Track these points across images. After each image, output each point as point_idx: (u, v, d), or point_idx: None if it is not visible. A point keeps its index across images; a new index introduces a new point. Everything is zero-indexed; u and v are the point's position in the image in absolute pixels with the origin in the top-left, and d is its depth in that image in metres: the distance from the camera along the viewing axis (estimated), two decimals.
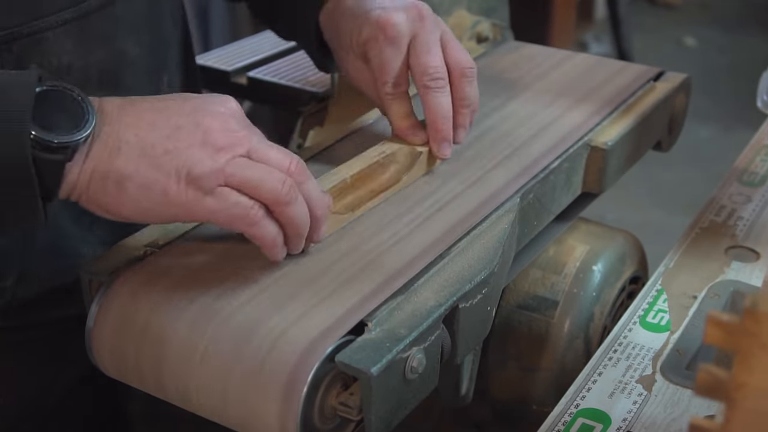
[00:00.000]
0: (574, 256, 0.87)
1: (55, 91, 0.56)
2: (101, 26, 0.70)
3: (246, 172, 0.58)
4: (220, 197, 0.58)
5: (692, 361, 0.72)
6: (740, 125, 2.76)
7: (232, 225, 0.59)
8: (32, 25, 0.66)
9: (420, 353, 0.58)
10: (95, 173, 0.57)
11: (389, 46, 0.73)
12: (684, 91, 0.95)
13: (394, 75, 0.74)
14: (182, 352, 0.59)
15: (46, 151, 0.54)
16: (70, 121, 0.56)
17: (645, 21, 3.91)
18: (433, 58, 0.73)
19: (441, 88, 0.74)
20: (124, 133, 0.58)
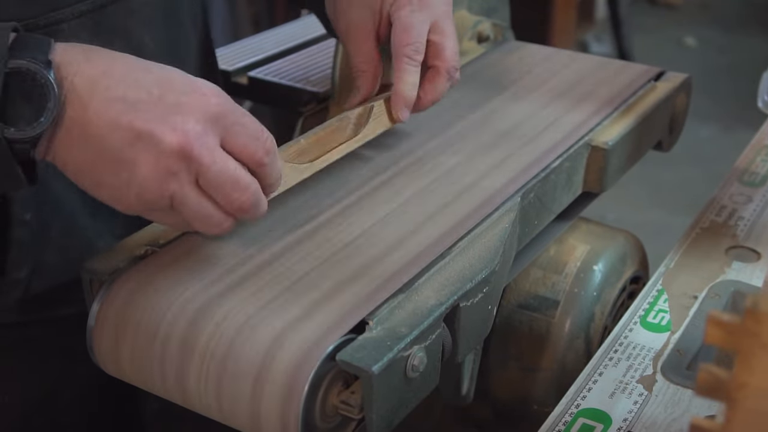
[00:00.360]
0: (574, 255, 0.87)
1: (16, 74, 0.55)
2: (117, 19, 0.70)
3: (189, 211, 0.59)
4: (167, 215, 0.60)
5: (693, 361, 0.72)
6: (741, 125, 2.76)
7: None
8: (48, 17, 0.66)
9: (421, 352, 0.58)
10: (57, 158, 0.58)
11: (420, 13, 0.74)
12: (684, 91, 0.95)
13: (419, 41, 0.74)
14: (183, 351, 0.59)
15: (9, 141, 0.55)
16: (31, 111, 0.55)
17: (645, 21, 3.91)
18: (455, 46, 0.75)
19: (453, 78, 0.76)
20: (87, 125, 0.56)
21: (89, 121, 0.56)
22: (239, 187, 0.60)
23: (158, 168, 0.57)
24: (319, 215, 0.71)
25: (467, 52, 0.99)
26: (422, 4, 0.75)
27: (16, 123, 0.55)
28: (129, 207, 0.59)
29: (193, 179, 0.58)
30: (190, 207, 0.59)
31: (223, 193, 0.59)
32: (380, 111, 0.77)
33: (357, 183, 0.75)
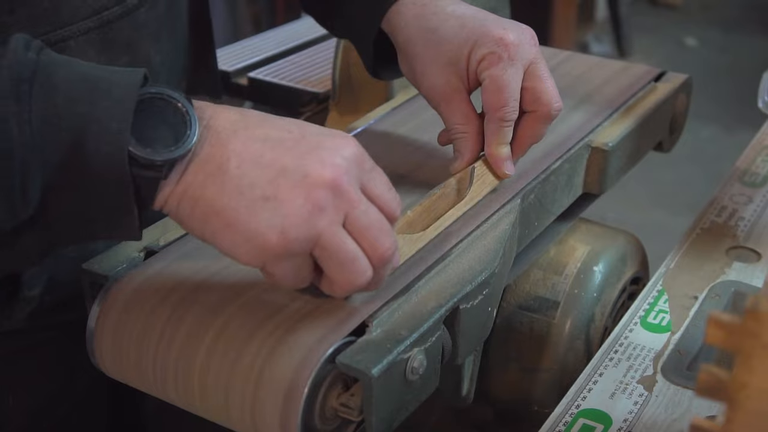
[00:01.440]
0: (575, 256, 0.87)
1: (158, 99, 0.53)
2: (124, 34, 0.69)
3: (336, 250, 0.55)
4: (297, 262, 0.55)
5: (693, 361, 0.72)
6: (741, 126, 2.76)
7: (282, 285, 0.57)
8: (56, 34, 0.65)
9: (421, 354, 0.58)
10: (186, 196, 0.54)
11: (512, 67, 0.69)
12: (685, 91, 0.95)
13: (515, 99, 0.70)
14: (183, 353, 0.59)
15: (137, 166, 0.52)
16: (169, 135, 0.53)
17: (646, 21, 3.91)
18: (554, 87, 0.71)
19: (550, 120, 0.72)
20: (227, 160, 0.54)
21: (228, 158, 0.54)
22: (385, 230, 0.57)
23: (307, 202, 0.53)
24: None
25: None
26: (512, 56, 0.69)
27: (152, 144, 0.52)
28: (265, 250, 0.54)
29: (341, 218, 0.55)
30: (336, 248, 0.55)
31: (370, 236, 0.56)
32: (482, 171, 0.73)
33: None
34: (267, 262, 0.55)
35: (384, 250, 0.56)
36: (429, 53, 0.72)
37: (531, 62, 0.71)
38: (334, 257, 0.55)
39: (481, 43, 0.70)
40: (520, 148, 0.73)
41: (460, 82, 0.72)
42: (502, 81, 0.69)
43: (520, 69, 0.70)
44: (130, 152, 0.51)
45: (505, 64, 0.69)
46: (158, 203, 0.55)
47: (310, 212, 0.53)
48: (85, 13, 0.66)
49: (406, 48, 0.74)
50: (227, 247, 0.55)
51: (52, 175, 0.52)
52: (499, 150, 0.72)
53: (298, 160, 0.54)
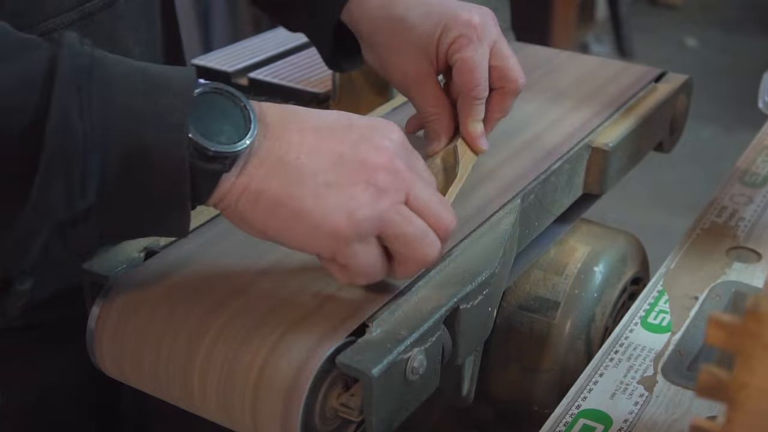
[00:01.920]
0: (575, 256, 0.87)
1: (216, 94, 0.54)
2: (105, 26, 0.70)
3: (404, 227, 0.56)
4: (368, 248, 0.57)
5: (693, 362, 0.72)
6: (741, 126, 2.76)
7: (355, 278, 0.58)
8: (38, 27, 0.66)
9: (421, 354, 0.58)
10: (248, 190, 0.55)
11: (481, 47, 0.72)
12: (685, 91, 0.95)
13: (485, 77, 0.73)
14: (183, 353, 0.59)
15: (202, 159, 0.52)
16: (231, 128, 0.53)
17: (646, 22, 3.92)
18: (517, 63, 0.74)
19: (516, 95, 0.76)
20: (286, 153, 0.55)
21: (287, 150, 0.55)
22: (444, 203, 0.59)
23: (369, 185, 0.55)
24: None
25: None
26: (480, 37, 0.72)
27: (217, 137, 0.53)
28: (335, 235, 0.55)
29: (402, 198, 0.57)
30: (406, 225, 0.56)
31: (432, 210, 0.58)
32: (463, 149, 0.75)
33: None
34: (338, 249, 0.56)
35: (448, 222, 0.59)
36: (397, 41, 0.75)
37: (495, 42, 0.74)
38: (404, 236, 0.57)
39: (450, 27, 0.73)
40: (490, 123, 0.76)
41: (430, 66, 0.74)
42: (473, 62, 0.72)
43: (486, 49, 0.73)
44: (194, 144, 0.52)
45: (475, 46, 0.72)
46: (215, 198, 0.55)
47: (373, 195, 0.55)
48: (68, 4, 0.67)
49: (371, 38, 0.77)
50: (297, 237, 0.56)
51: (111, 168, 0.51)
52: (474, 127, 0.75)
53: (353, 147, 0.56)
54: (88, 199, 0.52)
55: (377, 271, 0.58)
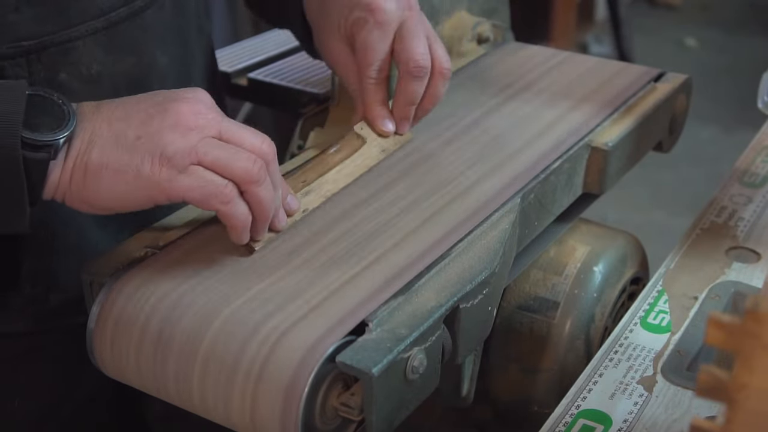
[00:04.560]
0: (575, 256, 0.87)
1: (39, 96, 0.59)
2: (130, 36, 0.71)
3: (217, 151, 0.60)
4: (194, 175, 0.59)
5: (693, 362, 0.72)
6: (741, 126, 2.76)
7: (207, 203, 0.61)
8: (62, 35, 0.67)
9: (421, 353, 0.58)
10: (75, 168, 0.59)
11: (377, 30, 0.74)
12: (685, 91, 0.95)
13: (379, 59, 0.75)
14: (183, 353, 0.59)
15: (31, 149, 0.57)
16: (53, 122, 0.58)
17: (645, 22, 3.91)
18: (420, 45, 0.75)
19: (423, 77, 0.75)
20: (99, 127, 0.60)
21: (100, 125, 0.60)
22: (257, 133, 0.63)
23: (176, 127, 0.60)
24: (318, 221, 0.70)
25: (467, 54, 0.99)
26: (378, 20, 0.74)
27: (39, 129, 0.57)
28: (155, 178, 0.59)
29: (212, 132, 0.61)
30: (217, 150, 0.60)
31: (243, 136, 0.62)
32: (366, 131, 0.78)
33: (356, 187, 0.75)
34: (167, 190, 0.59)
35: (259, 143, 0.62)
36: (322, 24, 0.79)
37: (402, 24, 0.75)
38: (218, 159, 0.60)
39: (353, 10, 0.76)
40: (396, 106, 0.77)
41: (346, 46, 0.78)
42: (367, 42, 0.75)
43: (387, 32, 0.75)
44: (23, 138, 0.56)
45: (371, 27, 0.75)
46: (50, 186, 0.60)
47: (182, 133, 0.60)
48: (93, 13, 0.67)
49: (311, 23, 0.81)
50: (127, 195, 0.60)
51: None
52: (373, 107, 0.77)
53: (158, 104, 0.61)
54: None
55: (227, 191, 0.60)
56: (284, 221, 0.67)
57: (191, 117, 0.60)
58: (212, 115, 0.61)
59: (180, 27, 0.77)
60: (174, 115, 0.60)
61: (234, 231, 0.63)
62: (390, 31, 0.75)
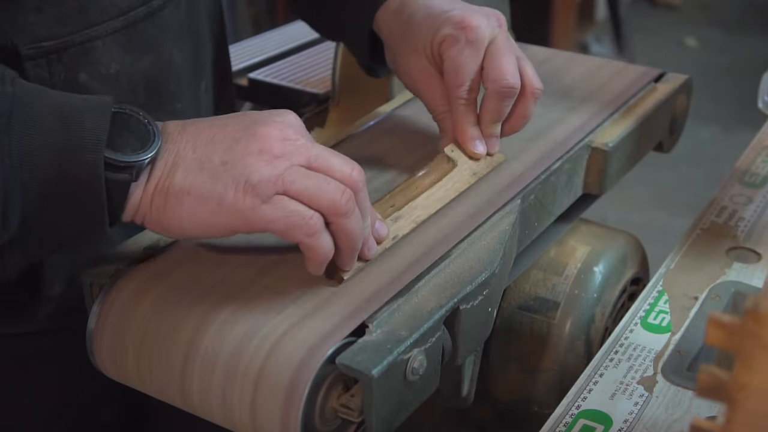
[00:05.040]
0: (575, 257, 0.87)
1: (124, 114, 0.57)
2: (148, 34, 0.71)
3: (304, 180, 0.58)
4: (278, 205, 0.57)
5: (693, 362, 0.72)
6: (741, 126, 2.76)
7: (290, 234, 0.58)
8: (83, 34, 0.66)
9: (421, 354, 0.58)
10: (156, 191, 0.58)
11: (469, 48, 0.72)
12: (685, 92, 0.95)
13: (470, 78, 0.72)
14: (183, 354, 0.59)
15: (112, 170, 0.55)
16: (137, 142, 0.57)
17: (646, 22, 3.91)
18: (510, 64, 0.72)
19: (512, 96, 0.73)
20: (183, 149, 0.58)
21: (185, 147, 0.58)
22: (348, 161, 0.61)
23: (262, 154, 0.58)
24: None
25: None
26: (470, 38, 0.72)
27: (122, 149, 0.56)
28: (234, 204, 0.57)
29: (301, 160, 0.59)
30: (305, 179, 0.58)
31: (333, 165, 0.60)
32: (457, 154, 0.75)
33: None
34: (248, 219, 0.57)
35: (349, 171, 0.60)
36: (404, 43, 0.76)
37: (492, 42, 0.73)
38: (305, 189, 0.58)
39: (442, 27, 0.73)
40: (483, 125, 0.75)
41: (432, 66, 0.75)
42: (458, 61, 0.72)
43: (479, 51, 0.72)
44: (106, 158, 0.55)
45: (462, 46, 0.72)
46: (130, 209, 0.58)
47: (268, 160, 0.57)
48: (112, 13, 0.67)
49: (388, 42, 0.79)
50: (208, 221, 0.58)
51: (31, 202, 0.55)
52: (464, 129, 0.74)
53: (245, 128, 0.59)
54: (10, 231, 0.55)
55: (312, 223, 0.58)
56: (374, 249, 0.64)
57: (279, 143, 0.58)
58: (301, 141, 0.59)
59: (194, 24, 0.77)
60: (261, 141, 0.58)
61: (313, 264, 0.60)
62: (481, 50, 0.72)
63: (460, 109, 0.74)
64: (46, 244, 0.58)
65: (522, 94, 0.74)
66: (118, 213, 0.58)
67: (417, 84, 0.77)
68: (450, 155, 0.75)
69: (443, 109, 0.75)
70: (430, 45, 0.74)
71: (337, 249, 0.60)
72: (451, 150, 0.75)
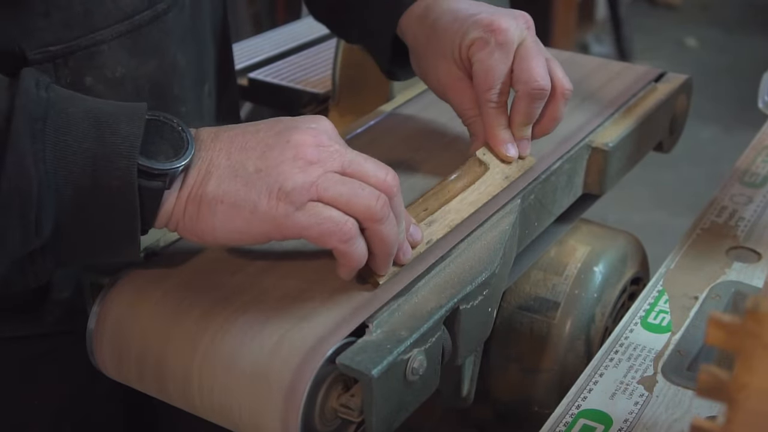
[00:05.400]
0: (575, 257, 0.87)
1: (158, 121, 0.57)
2: (153, 38, 0.71)
3: (339, 186, 0.57)
4: (312, 212, 0.57)
5: (693, 361, 0.72)
6: (741, 126, 2.76)
7: (325, 241, 0.58)
8: (88, 39, 0.66)
9: (421, 355, 0.58)
10: (190, 199, 0.58)
11: (499, 51, 0.71)
12: (685, 91, 0.95)
13: (501, 81, 0.72)
14: (183, 355, 0.59)
15: (146, 178, 0.55)
16: (170, 149, 0.57)
17: (646, 22, 3.92)
18: (540, 66, 0.72)
19: (543, 99, 0.72)
20: (217, 157, 0.58)
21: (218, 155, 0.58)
22: (381, 166, 0.60)
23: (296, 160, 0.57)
24: None
25: None
26: (500, 41, 0.71)
27: (156, 157, 0.56)
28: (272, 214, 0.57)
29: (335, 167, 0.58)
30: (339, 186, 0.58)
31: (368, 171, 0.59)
32: (488, 158, 0.74)
33: None
34: (282, 226, 0.57)
35: (384, 176, 0.59)
36: (431, 48, 0.76)
37: (522, 44, 0.72)
38: (340, 196, 0.57)
39: (470, 31, 0.73)
40: (514, 127, 0.74)
41: (460, 70, 0.74)
42: (488, 64, 0.72)
43: (508, 53, 0.72)
44: (139, 166, 0.55)
45: (492, 48, 0.72)
46: (163, 217, 0.58)
47: (302, 167, 0.57)
48: (117, 17, 0.67)
49: (413, 47, 0.78)
50: (242, 228, 0.57)
51: (64, 208, 0.55)
52: (495, 132, 0.74)
53: (279, 134, 0.59)
54: (43, 237, 0.55)
55: (346, 230, 0.58)
56: (409, 254, 0.64)
57: (313, 150, 0.58)
58: (335, 147, 0.59)
59: (197, 28, 0.77)
60: (295, 147, 0.58)
61: (345, 270, 0.60)
62: (511, 52, 0.72)
63: (491, 112, 0.73)
64: (79, 251, 0.58)
65: (552, 95, 0.73)
66: (151, 220, 0.57)
67: (445, 89, 0.76)
68: (482, 159, 0.74)
69: (473, 113, 0.75)
70: (458, 49, 0.73)
71: (372, 254, 0.60)
72: (483, 153, 0.74)
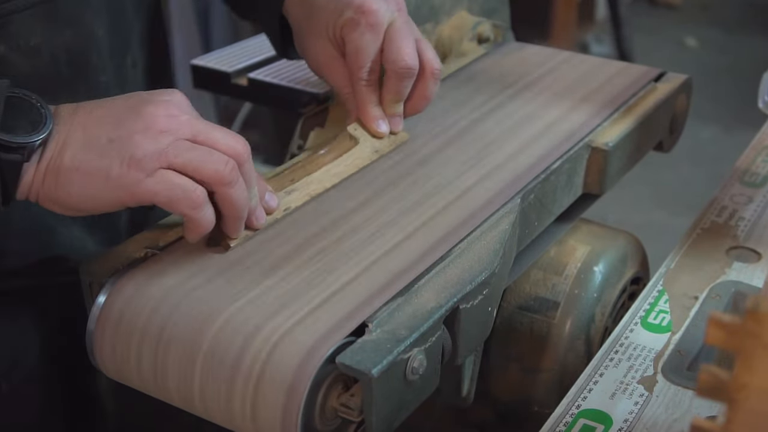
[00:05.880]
0: (575, 256, 0.87)
1: (17, 98, 0.60)
2: (69, 8, 0.72)
3: (188, 153, 0.60)
4: (162, 178, 0.60)
5: (694, 361, 0.72)
6: (741, 126, 2.76)
7: (174, 207, 0.61)
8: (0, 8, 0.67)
9: (421, 354, 0.58)
10: (48, 170, 0.60)
11: (369, 32, 0.75)
12: (685, 91, 0.95)
13: (371, 60, 0.76)
14: (184, 355, 0.59)
15: (5, 151, 0.58)
16: (29, 124, 0.59)
17: (646, 22, 3.91)
18: (408, 46, 0.76)
19: (411, 77, 0.76)
20: (74, 130, 0.61)
21: (75, 128, 0.61)
22: (233, 134, 0.63)
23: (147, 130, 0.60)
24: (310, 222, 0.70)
25: (467, 53, 0.99)
26: (370, 22, 0.75)
27: (14, 131, 0.58)
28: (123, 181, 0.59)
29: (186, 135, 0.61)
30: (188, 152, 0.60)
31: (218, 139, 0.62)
32: (360, 132, 0.78)
33: (356, 188, 0.75)
34: (134, 193, 0.60)
35: (234, 143, 0.62)
36: (309, 27, 0.79)
37: (390, 25, 0.76)
38: (190, 161, 0.60)
39: (344, 11, 0.76)
40: (385, 104, 0.79)
41: (335, 49, 0.78)
42: (358, 44, 0.76)
43: (378, 33, 0.76)
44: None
45: (363, 29, 0.75)
46: (24, 188, 0.60)
47: (153, 136, 0.60)
48: None
49: (295, 25, 0.82)
50: (96, 195, 0.60)
51: None
52: (366, 108, 0.78)
53: (132, 107, 0.61)
54: None
55: (195, 197, 0.60)
56: (263, 219, 0.67)
57: (163, 120, 0.61)
58: (185, 117, 0.62)
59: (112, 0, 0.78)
60: (146, 118, 0.60)
61: (192, 234, 0.63)
62: (381, 33, 0.76)
63: (362, 90, 0.77)
64: None
65: (421, 74, 0.77)
66: (12, 192, 0.60)
67: (322, 67, 0.80)
68: (353, 133, 0.78)
69: (347, 91, 0.79)
70: (333, 28, 0.77)
71: (222, 217, 0.63)
72: (354, 128, 0.78)
